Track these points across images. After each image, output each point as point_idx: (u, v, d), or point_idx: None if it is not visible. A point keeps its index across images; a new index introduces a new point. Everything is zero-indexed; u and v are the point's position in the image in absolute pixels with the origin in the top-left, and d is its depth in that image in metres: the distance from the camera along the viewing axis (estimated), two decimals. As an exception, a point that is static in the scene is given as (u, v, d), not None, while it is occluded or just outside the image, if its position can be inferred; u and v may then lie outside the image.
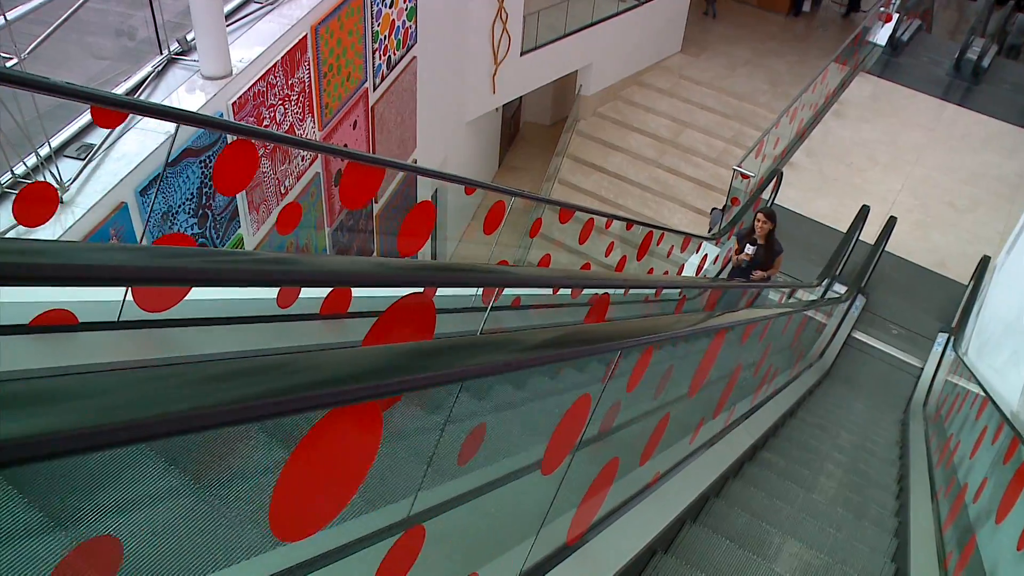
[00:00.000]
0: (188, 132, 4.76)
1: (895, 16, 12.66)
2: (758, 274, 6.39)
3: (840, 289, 7.64)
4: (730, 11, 15.75)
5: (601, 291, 3.42)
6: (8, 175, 3.91)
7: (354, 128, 7.02)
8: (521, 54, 10.64)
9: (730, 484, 3.61)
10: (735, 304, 6.59)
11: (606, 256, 6.15)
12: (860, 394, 7.03)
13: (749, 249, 6.22)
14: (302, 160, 6.21)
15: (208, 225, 5.20)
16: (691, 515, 3.16)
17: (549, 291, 4.35)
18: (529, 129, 14.25)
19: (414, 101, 8.35)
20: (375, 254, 8.38)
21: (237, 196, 5.47)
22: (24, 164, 3.98)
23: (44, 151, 4.05)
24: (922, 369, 7.69)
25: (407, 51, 7.82)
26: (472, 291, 3.15)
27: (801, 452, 4.61)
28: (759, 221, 6.34)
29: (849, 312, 7.70)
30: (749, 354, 3.80)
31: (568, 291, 4.39)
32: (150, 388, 0.70)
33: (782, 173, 9.16)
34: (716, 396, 3.29)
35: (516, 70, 10.60)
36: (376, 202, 7.97)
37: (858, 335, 8.04)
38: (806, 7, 16.25)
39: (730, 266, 6.70)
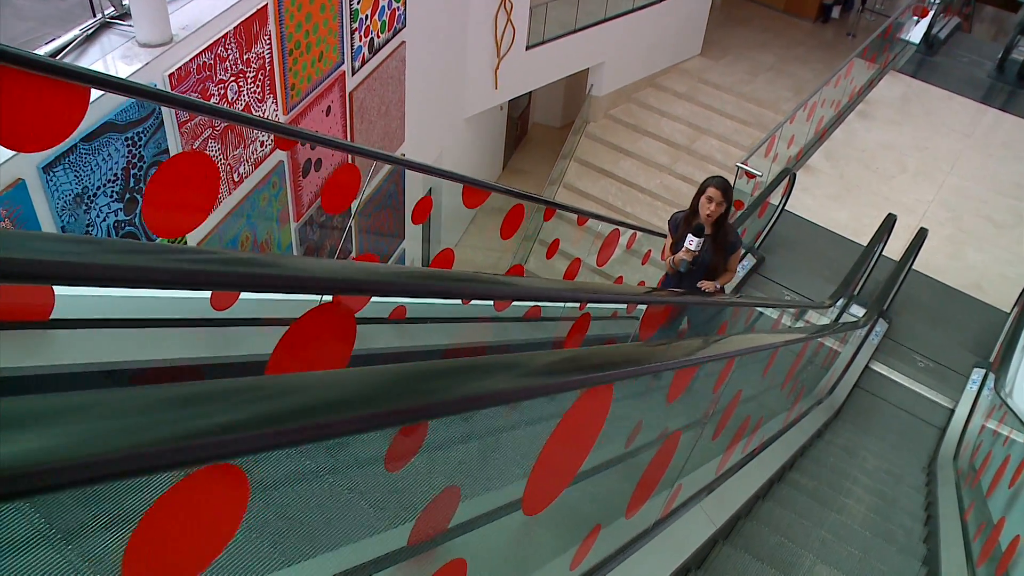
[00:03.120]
0: (111, 103, 4.21)
1: (931, 10, 11.74)
2: (707, 284, 4.17)
3: (858, 312, 6.78)
4: (755, 15, 15.04)
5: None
6: None
7: (327, 114, 6.42)
8: (527, 48, 10.02)
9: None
10: (684, 326, 4.71)
11: (548, 258, 5.00)
12: (875, 441, 6.03)
13: (692, 244, 4.01)
14: (261, 145, 5.62)
15: (138, 212, 4.62)
16: None
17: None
18: (538, 131, 13.62)
19: (402, 90, 7.74)
20: (353, 255, 7.77)
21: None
22: None
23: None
24: (953, 411, 6.71)
25: (394, 35, 7.22)
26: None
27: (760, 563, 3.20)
28: (708, 199, 4.02)
29: (868, 339, 6.78)
30: (713, 402, 2.54)
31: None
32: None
33: (795, 175, 8.25)
34: (630, 485, 2.08)
35: (521, 65, 9.98)
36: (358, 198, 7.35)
37: (877, 367, 7.04)
38: (835, 14, 15.51)
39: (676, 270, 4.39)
